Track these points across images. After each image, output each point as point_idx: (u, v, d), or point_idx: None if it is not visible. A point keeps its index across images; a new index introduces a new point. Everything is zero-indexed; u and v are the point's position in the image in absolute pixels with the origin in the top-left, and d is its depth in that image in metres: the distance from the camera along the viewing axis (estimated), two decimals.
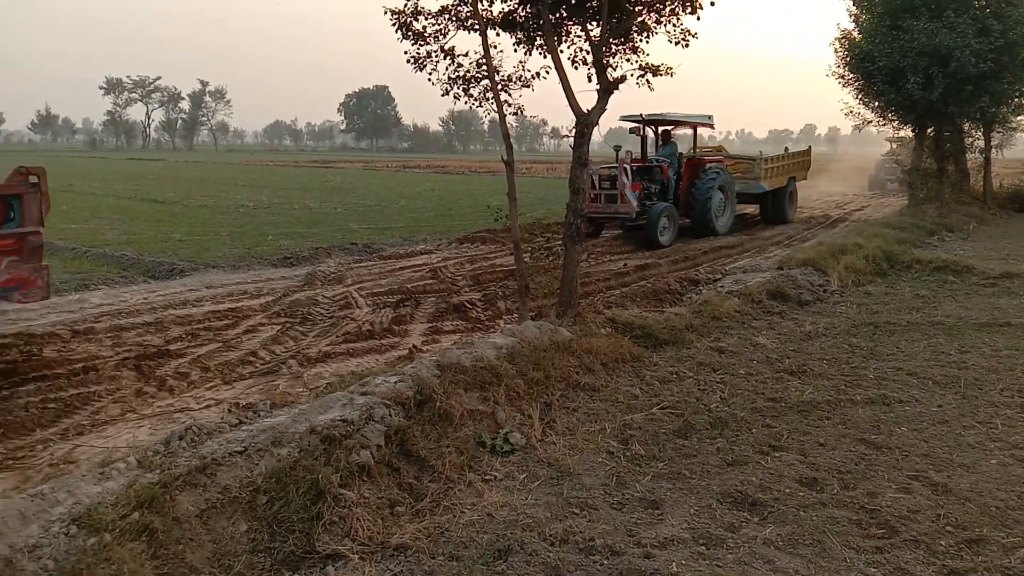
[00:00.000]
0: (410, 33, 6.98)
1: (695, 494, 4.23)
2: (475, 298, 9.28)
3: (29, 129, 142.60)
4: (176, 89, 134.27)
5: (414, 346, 6.84)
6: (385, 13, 7.15)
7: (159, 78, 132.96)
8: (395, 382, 4.95)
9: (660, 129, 16.43)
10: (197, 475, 3.78)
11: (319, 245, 13.48)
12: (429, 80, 7.11)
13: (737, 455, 4.72)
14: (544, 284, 9.34)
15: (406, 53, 7.08)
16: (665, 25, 7.27)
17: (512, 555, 3.57)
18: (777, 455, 4.70)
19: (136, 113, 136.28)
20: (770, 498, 4.14)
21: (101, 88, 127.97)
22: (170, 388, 5.80)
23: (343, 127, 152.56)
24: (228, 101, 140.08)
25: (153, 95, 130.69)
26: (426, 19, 7.25)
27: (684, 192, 15.64)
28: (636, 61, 7.37)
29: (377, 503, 3.98)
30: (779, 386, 6.00)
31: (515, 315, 8.47)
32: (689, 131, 17.19)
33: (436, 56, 7.09)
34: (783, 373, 6.32)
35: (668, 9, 7.09)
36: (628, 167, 14.36)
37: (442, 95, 7.35)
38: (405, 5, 7.15)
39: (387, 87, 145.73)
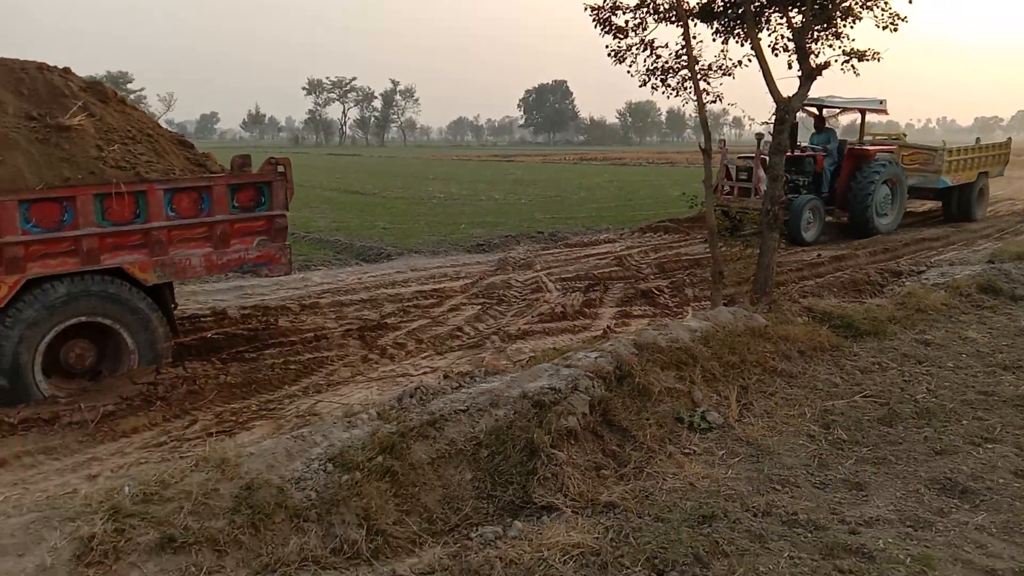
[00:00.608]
0: (610, 28, 7.22)
1: (901, 479, 4.20)
2: (662, 285, 9.40)
3: (240, 127, 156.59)
4: (370, 89, 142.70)
5: (608, 327, 7.10)
6: (585, 10, 7.44)
7: (355, 78, 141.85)
8: (595, 357, 5.23)
9: (815, 115, 14.78)
10: (427, 428, 4.24)
11: (508, 233, 14.08)
12: (628, 72, 7.33)
13: (946, 444, 4.59)
14: (734, 272, 9.30)
15: (607, 47, 7.34)
16: (872, 9, 7.05)
17: (716, 521, 3.73)
18: (990, 447, 4.53)
19: (334, 112, 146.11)
20: (982, 487, 4.03)
21: (303, 89, 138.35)
22: (390, 356, 6.42)
23: (522, 122, 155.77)
24: (416, 99, 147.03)
25: (349, 95, 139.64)
26: (624, 13, 7.47)
27: (842, 185, 14.00)
28: (840, 47, 7.19)
29: (584, 465, 4.28)
30: (991, 380, 5.71)
31: (703, 303, 8.54)
32: (856, 117, 15.39)
33: (636, 49, 7.29)
34: (995, 368, 6.00)
35: None
36: (767, 159, 13.41)
37: (640, 86, 7.55)
38: (604, 1, 7.40)
39: (565, 82, 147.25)
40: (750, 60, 7.21)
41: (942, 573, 3.29)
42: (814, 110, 14.42)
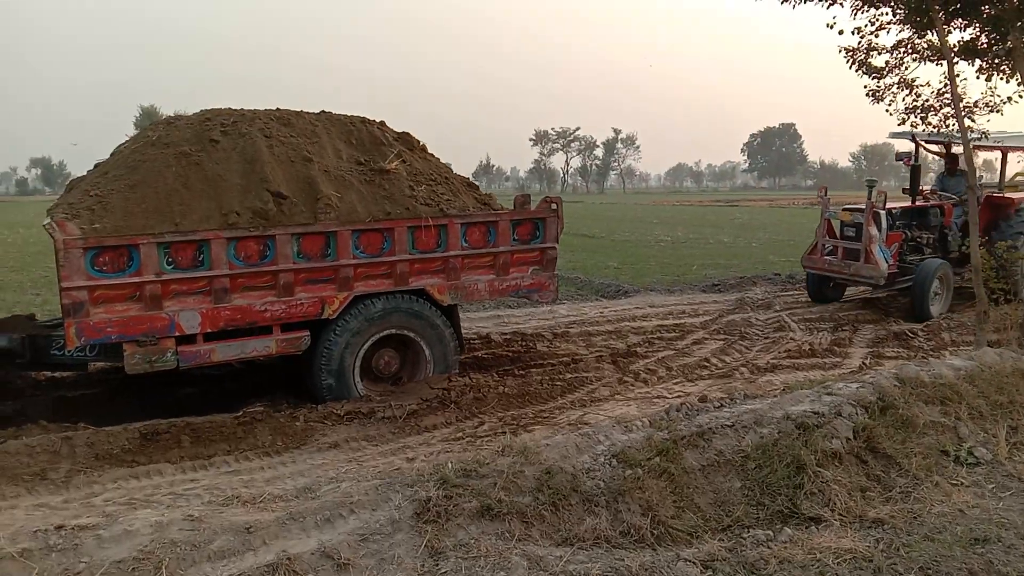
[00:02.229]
0: (868, 69, 7.35)
1: None
2: (916, 328, 9.12)
3: (471, 177, 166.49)
4: (592, 138, 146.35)
5: (863, 363, 7.11)
6: (840, 52, 7.63)
7: (578, 128, 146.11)
8: (856, 388, 5.37)
9: (943, 154, 11.69)
10: (696, 438, 4.65)
11: (742, 275, 14.13)
12: (887, 111, 7.39)
13: None
14: (997, 318, 8.83)
15: (865, 88, 7.46)
16: None
17: (989, 544, 3.80)
18: None
19: (557, 161, 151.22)
20: None
21: (530, 140, 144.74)
22: (644, 380, 6.90)
23: (745, 166, 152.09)
24: (637, 147, 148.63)
25: (572, 144, 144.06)
26: (880, 54, 7.56)
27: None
28: None
29: (849, 485, 4.46)
30: None
31: (962, 348, 8.21)
32: (995, 156, 12.08)
33: (894, 89, 7.36)
34: None
35: None
36: (882, 213, 10.12)
37: (899, 124, 7.56)
38: (859, 43, 7.55)
39: (793, 124, 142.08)
40: (1021, 96, 7.01)
41: None
42: (939, 148, 11.53)
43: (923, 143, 11.30)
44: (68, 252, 5.13)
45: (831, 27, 7.09)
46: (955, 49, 7.61)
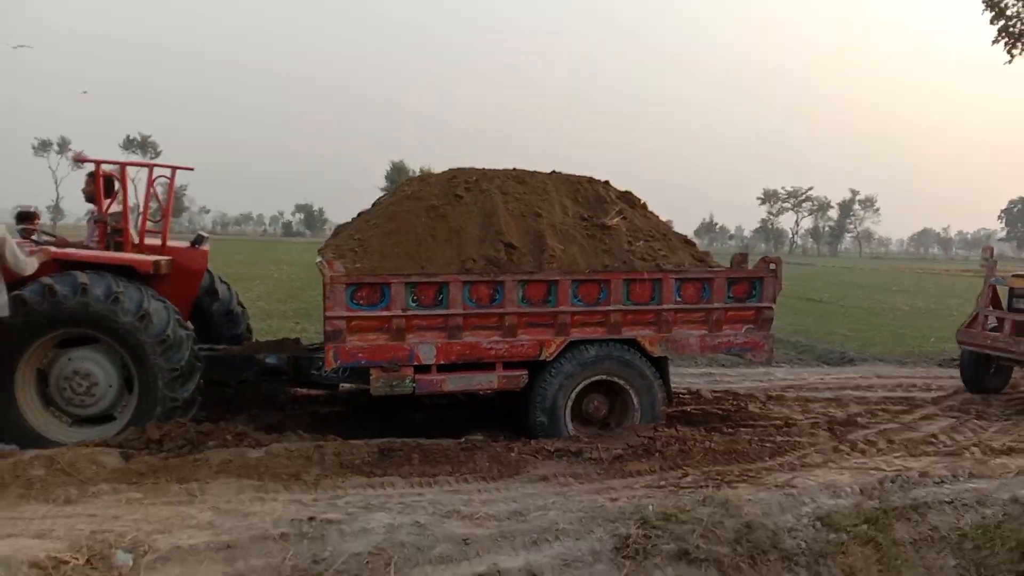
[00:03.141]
0: None
1: None
2: None
3: (693, 234, 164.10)
4: (826, 199, 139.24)
5: None
6: None
7: (811, 188, 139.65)
8: None
9: None
10: (909, 511, 4.51)
11: None
12: None
13: None
14: None
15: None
16: None
17: None
18: None
19: (786, 221, 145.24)
20: None
21: (758, 199, 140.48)
22: (861, 450, 6.65)
23: (1003, 234, 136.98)
24: (877, 209, 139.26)
25: (803, 204, 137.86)
26: None
27: None
28: None
29: None
30: None
31: None
32: None
33: None
34: None
35: None
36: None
37: None
38: None
39: None
40: None
41: None
42: None
43: None
44: (334, 287, 6.01)
45: None
46: None
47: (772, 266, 6.93)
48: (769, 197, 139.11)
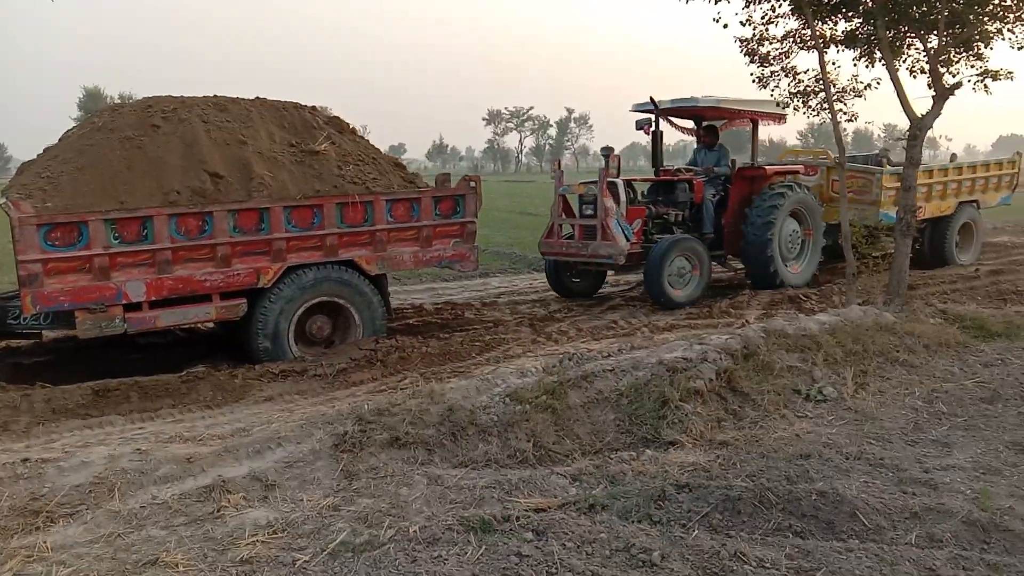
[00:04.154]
0: (756, 57, 8.19)
1: (985, 441, 4.87)
2: (810, 292, 10.05)
3: (425, 157, 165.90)
4: (546, 117, 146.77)
5: (746, 320, 7.99)
6: (735, 42, 8.45)
7: (531, 108, 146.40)
8: (726, 339, 6.20)
9: (702, 125, 10.91)
10: (581, 381, 5.43)
11: None
12: (771, 95, 8.24)
13: None
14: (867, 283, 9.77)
15: (751, 75, 8.30)
16: (1012, 31, 7.55)
17: (811, 458, 4.62)
18: None
19: (510, 141, 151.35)
20: None
21: (483, 119, 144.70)
22: (555, 340, 7.68)
23: None
24: (591, 126, 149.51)
25: (525, 124, 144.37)
26: (771, 44, 8.40)
27: (731, 220, 10.33)
28: (978, 67, 7.73)
29: (707, 416, 5.28)
30: None
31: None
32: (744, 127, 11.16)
33: (778, 75, 8.21)
34: None
35: (1014, 17, 7.39)
36: (619, 183, 9.43)
37: (782, 108, 8.42)
38: (752, 35, 8.38)
39: None
40: (879, 82, 7.92)
41: (995, 503, 4.03)
42: (688, 122, 10.94)
43: (668, 116, 10.42)
44: (23, 229, 5.69)
45: (717, 21, 7.89)
46: (839, 38, 8.49)
47: (472, 184, 7.61)
48: (494, 118, 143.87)
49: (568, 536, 3.59)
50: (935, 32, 7.53)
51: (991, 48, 7.71)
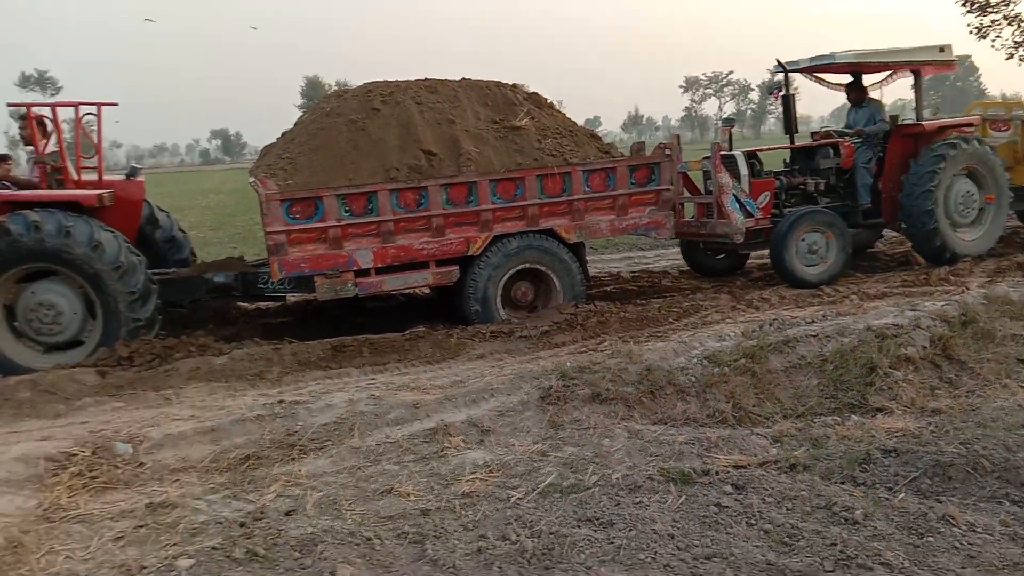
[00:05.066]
0: (974, 6, 7.55)
1: None
2: None
3: (620, 129, 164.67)
4: (746, 81, 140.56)
5: (966, 287, 7.47)
6: None
7: (731, 72, 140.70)
8: (942, 305, 5.91)
9: (842, 85, 9.57)
10: (782, 345, 5.42)
11: None
12: (992, 46, 7.57)
13: None
14: None
15: (968, 25, 7.65)
16: None
17: None
18: None
19: (709, 108, 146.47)
20: None
21: (680, 87, 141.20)
22: (756, 307, 7.60)
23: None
24: (796, 88, 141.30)
25: (725, 89, 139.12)
26: None
27: (888, 186, 9.10)
28: None
29: (919, 384, 5.10)
30: None
31: None
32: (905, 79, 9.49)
33: (999, 24, 7.51)
34: None
35: None
36: (737, 155, 8.76)
37: (1006, 59, 7.72)
38: None
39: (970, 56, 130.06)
40: None
41: None
42: (839, 78, 9.61)
43: (811, 74, 9.54)
44: (269, 204, 6.53)
45: None
46: None
47: (667, 151, 7.68)
48: (691, 84, 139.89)
49: (768, 492, 3.69)
50: None
51: None
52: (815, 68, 9.30)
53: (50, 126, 7.11)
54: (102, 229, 6.51)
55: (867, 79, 9.42)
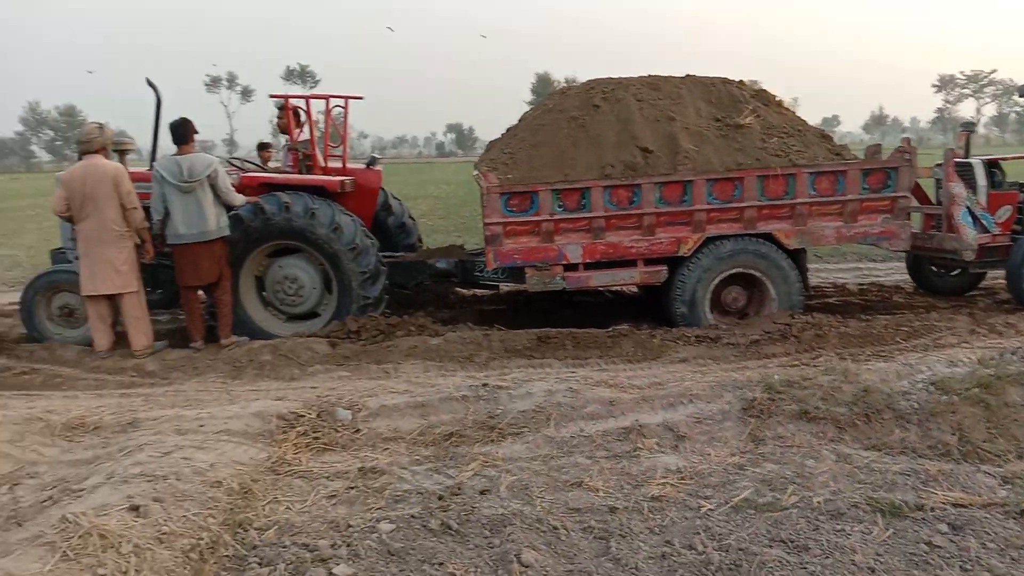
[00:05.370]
0: None
1: None
2: None
3: (861, 129, 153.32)
4: (1012, 81, 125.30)
5: None
6: None
7: (994, 71, 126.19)
8: None
9: None
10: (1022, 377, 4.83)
11: None
12: None
13: None
14: None
15: None
16: None
17: None
18: None
19: (965, 109, 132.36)
20: None
21: (933, 86, 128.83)
22: (999, 332, 6.82)
23: None
24: None
25: (986, 89, 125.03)
26: None
27: None
28: None
29: None
30: None
31: None
32: None
33: None
34: None
35: None
36: (975, 163, 7.91)
37: None
38: None
39: None
40: None
41: None
42: None
43: None
44: (490, 196, 6.83)
45: None
46: None
47: (907, 155, 7.06)
48: (946, 84, 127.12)
49: (990, 536, 3.34)
50: None
51: None
52: None
53: (303, 117, 7.91)
54: (342, 213, 7.14)
55: None
